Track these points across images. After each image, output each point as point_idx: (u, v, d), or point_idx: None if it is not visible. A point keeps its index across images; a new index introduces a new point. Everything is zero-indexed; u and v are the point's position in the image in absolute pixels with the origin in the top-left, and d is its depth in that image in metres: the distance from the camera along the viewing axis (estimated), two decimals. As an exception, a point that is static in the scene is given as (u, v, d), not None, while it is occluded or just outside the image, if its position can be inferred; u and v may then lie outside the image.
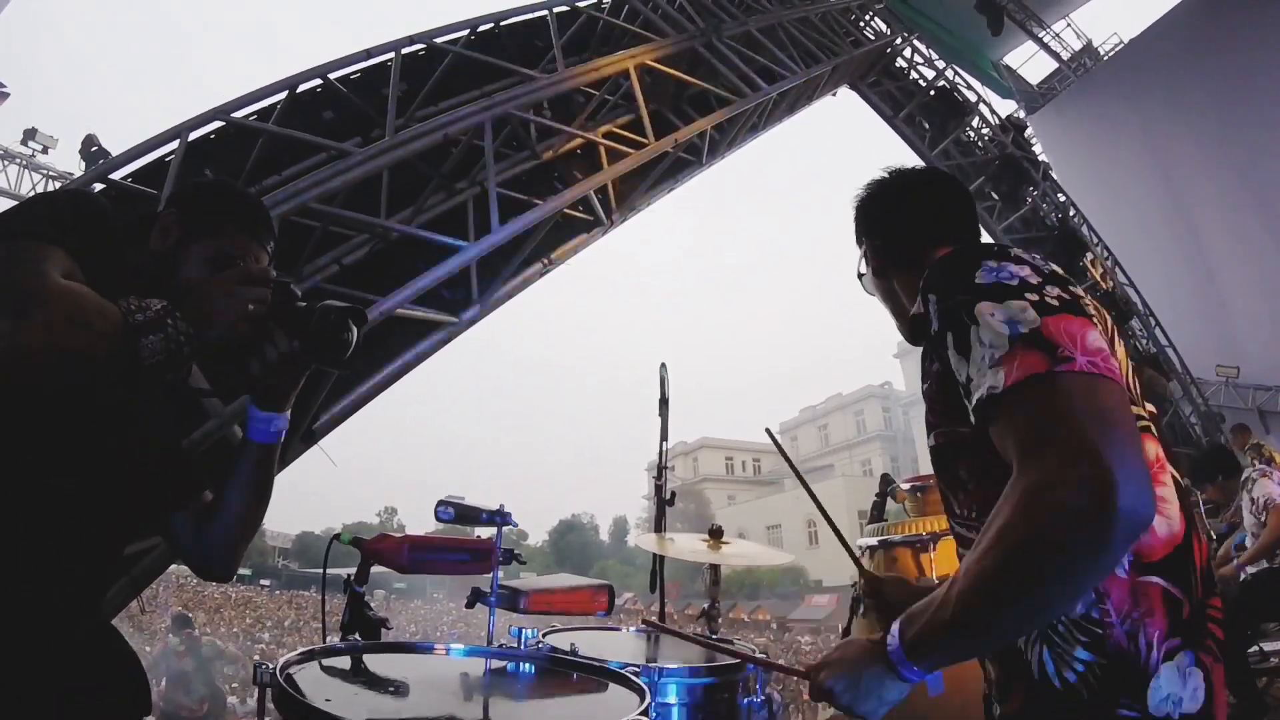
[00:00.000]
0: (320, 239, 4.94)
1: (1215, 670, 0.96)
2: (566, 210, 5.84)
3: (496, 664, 1.58)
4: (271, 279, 1.08)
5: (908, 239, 1.29)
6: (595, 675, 1.48)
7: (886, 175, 1.37)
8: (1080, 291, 1.02)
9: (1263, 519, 3.97)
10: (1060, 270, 1.05)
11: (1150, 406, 1.10)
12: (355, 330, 1.09)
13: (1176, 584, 0.95)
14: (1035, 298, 0.94)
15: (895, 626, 0.96)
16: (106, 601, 4.02)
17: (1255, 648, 4.09)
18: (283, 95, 5.16)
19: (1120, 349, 1.07)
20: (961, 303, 0.97)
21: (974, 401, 0.93)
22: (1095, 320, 0.96)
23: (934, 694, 1.09)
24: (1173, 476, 1.03)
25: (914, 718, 2.65)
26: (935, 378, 1.07)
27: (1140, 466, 0.81)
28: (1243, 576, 4.06)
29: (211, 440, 4.03)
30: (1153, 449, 1.01)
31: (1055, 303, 0.94)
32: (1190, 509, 1.01)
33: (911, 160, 11.89)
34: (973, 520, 1.07)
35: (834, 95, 10.19)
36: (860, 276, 1.42)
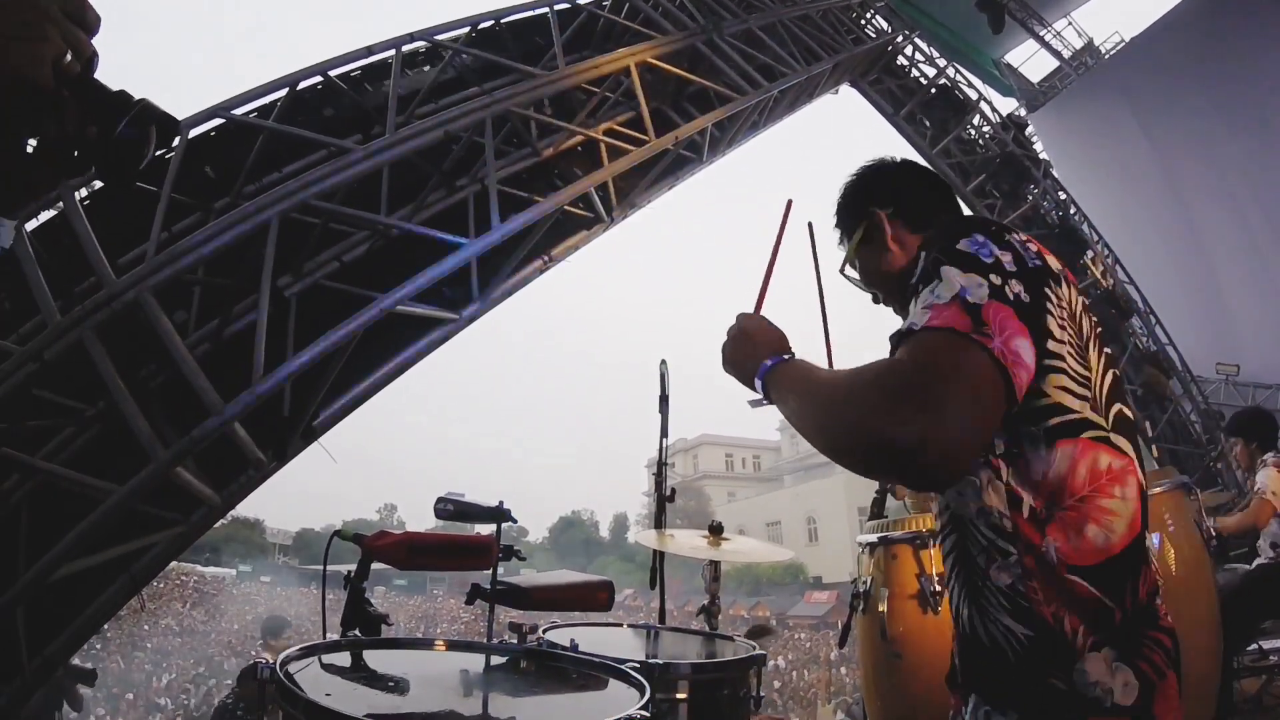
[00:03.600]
0: (320, 236, 4.94)
1: (1159, 677, 0.97)
2: (567, 207, 5.83)
3: (496, 659, 1.59)
4: (98, 33, 0.74)
5: (923, 200, 1.35)
6: (595, 671, 1.48)
7: (871, 162, 1.44)
8: (1057, 296, 1.03)
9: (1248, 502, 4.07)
10: (1055, 268, 1.06)
11: (1125, 410, 1.10)
12: (154, 142, 0.76)
13: (1105, 591, 0.97)
14: (997, 281, 0.97)
15: (779, 357, 1.17)
16: (106, 599, 4.04)
17: (1255, 646, 4.10)
18: (283, 92, 5.15)
19: (1095, 354, 1.07)
20: (937, 260, 1.01)
21: (895, 335, 1.00)
22: (1041, 330, 0.99)
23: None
24: (1138, 488, 1.04)
25: (913, 709, 2.66)
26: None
27: (959, 451, 0.86)
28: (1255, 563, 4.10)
29: (211, 439, 4.03)
30: (1106, 460, 1.01)
31: (1011, 296, 0.97)
32: (1141, 539, 1.02)
33: (913, 158, 11.91)
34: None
35: (835, 93, 10.17)
36: (845, 274, 1.46)
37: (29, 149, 0.74)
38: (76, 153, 0.74)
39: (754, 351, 1.21)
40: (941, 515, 1.13)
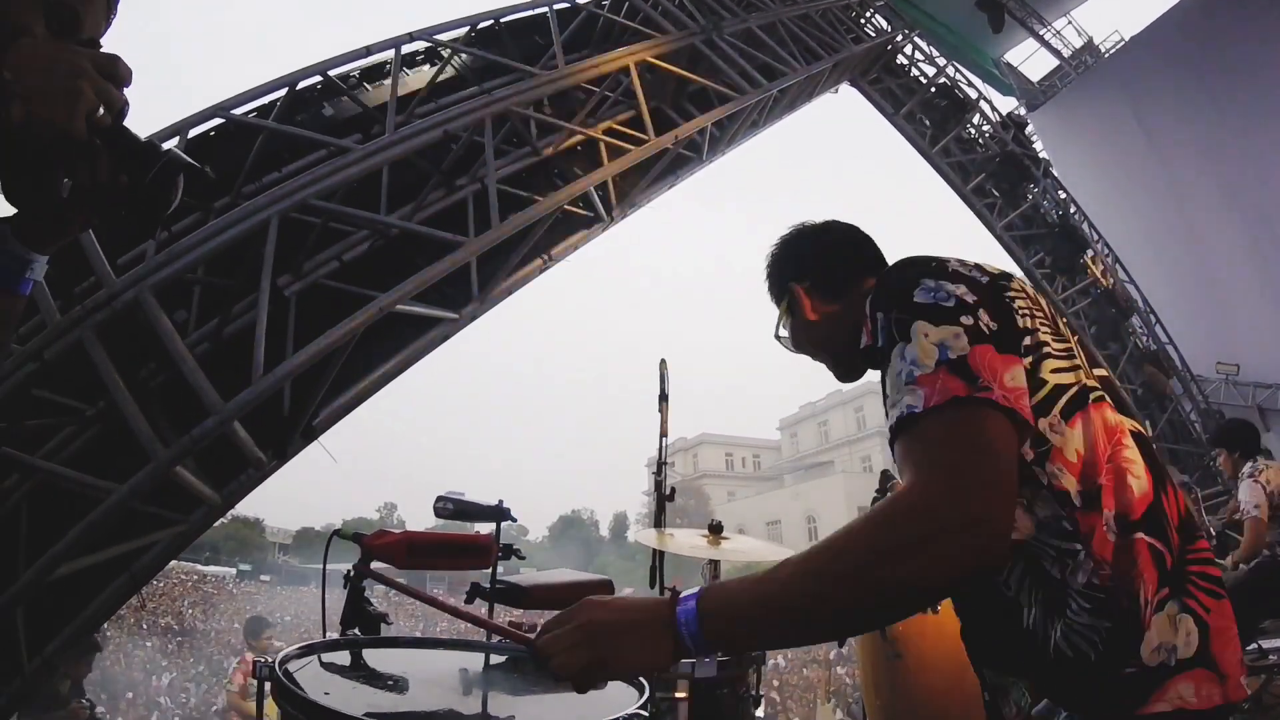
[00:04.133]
0: (320, 235, 4.94)
1: (1213, 608, 1.00)
2: (566, 207, 5.84)
3: (495, 658, 1.59)
4: (130, 86, 0.81)
5: (841, 270, 1.35)
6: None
7: (796, 227, 1.44)
8: (1013, 293, 1.07)
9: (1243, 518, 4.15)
10: (1000, 276, 1.10)
11: (1104, 371, 1.16)
12: (180, 190, 0.84)
13: (1157, 537, 1.00)
14: (970, 322, 0.97)
15: (691, 591, 0.92)
16: (106, 598, 4.04)
17: (1254, 645, 4.10)
18: (283, 92, 5.15)
19: (1063, 324, 1.13)
20: (901, 321, 1.00)
21: (890, 421, 0.97)
22: (1022, 346, 1.01)
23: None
24: (1134, 435, 1.09)
25: (913, 709, 2.66)
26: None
27: (1001, 512, 0.85)
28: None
29: (211, 438, 4.03)
30: (1113, 417, 1.07)
31: (987, 332, 0.97)
32: (1159, 467, 1.07)
33: (913, 157, 11.89)
34: None
35: (835, 92, 10.18)
36: (779, 338, 1.46)
37: (64, 193, 0.83)
38: (107, 199, 0.82)
39: (632, 621, 0.92)
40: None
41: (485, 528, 1.95)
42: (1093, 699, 1.00)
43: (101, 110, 0.76)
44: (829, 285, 1.35)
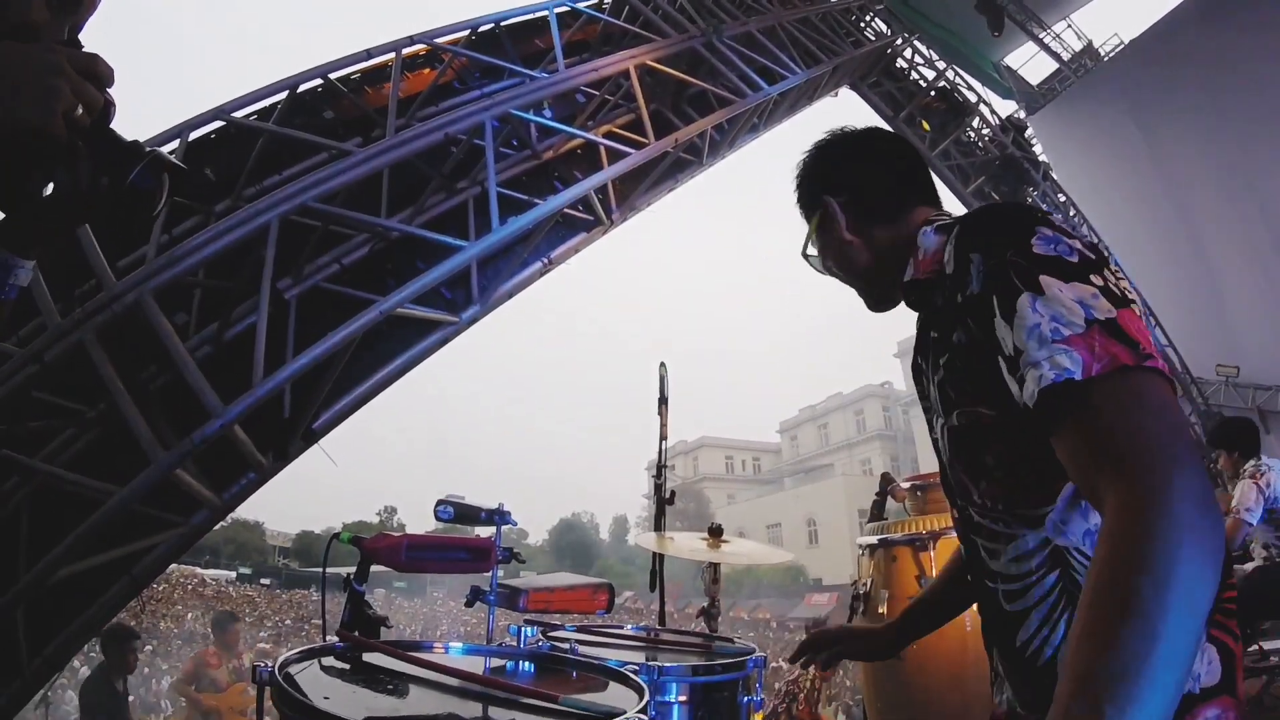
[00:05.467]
0: (320, 238, 4.95)
1: (1233, 645, 0.94)
2: (567, 210, 5.85)
3: (496, 662, 1.59)
4: (111, 85, 0.79)
5: (886, 189, 1.21)
6: (594, 674, 1.48)
7: (836, 132, 1.28)
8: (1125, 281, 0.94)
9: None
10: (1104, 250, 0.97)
11: None
12: (166, 191, 0.82)
13: None
14: (1101, 283, 0.85)
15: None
16: (107, 600, 4.04)
17: (1255, 647, 4.10)
18: (283, 95, 5.16)
19: None
20: (1018, 267, 0.87)
21: (1039, 382, 0.81)
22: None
23: None
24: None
25: (914, 711, 2.66)
26: (960, 350, 0.98)
27: (1217, 508, 0.74)
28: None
29: (211, 441, 4.03)
30: None
31: (1118, 292, 0.85)
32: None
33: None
34: (998, 511, 1.01)
35: (835, 95, 10.19)
36: (806, 256, 1.31)
37: (45, 196, 0.80)
38: (89, 200, 0.79)
39: None
40: (1030, 556, 0.97)
41: (485, 531, 1.95)
42: None
43: (80, 110, 0.74)
44: (870, 204, 1.20)
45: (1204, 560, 0.69)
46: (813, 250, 1.29)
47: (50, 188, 0.80)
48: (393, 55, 5.54)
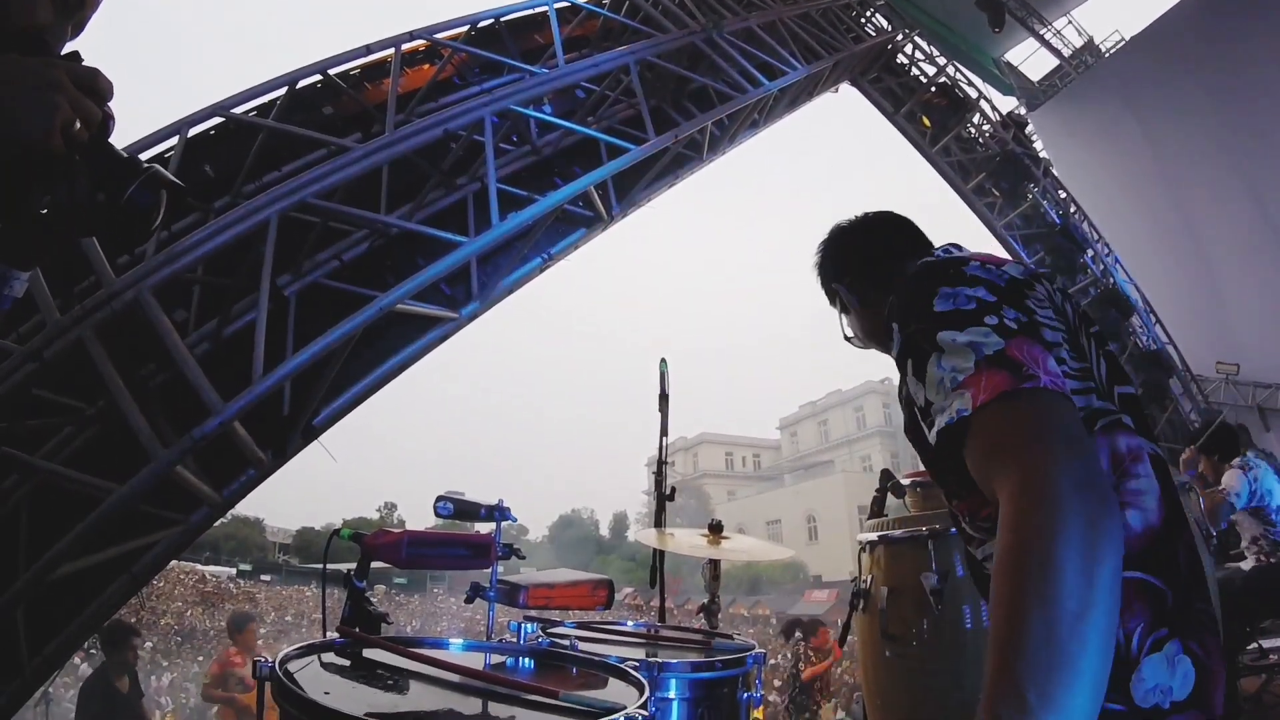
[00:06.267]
0: (320, 235, 4.94)
1: (1211, 654, 0.95)
2: (567, 206, 5.83)
3: (496, 659, 1.59)
4: (111, 99, 0.79)
5: (878, 260, 1.37)
6: (594, 670, 1.48)
7: (828, 234, 1.49)
8: (1036, 300, 1.04)
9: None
10: (1018, 276, 1.06)
11: (1128, 388, 1.11)
12: (163, 207, 0.82)
13: (1157, 575, 0.95)
14: (995, 321, 0.96)
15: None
16: (107, 598, 4.04)
17: (1255, 645, 4.11)
18: (282, 91, 5.15)
19: (1085, 339, 1.09)
20: (922, 331, 0.99)
21: (938, 426, 0.93)
22: (1050, 342, 0.99)
23: None
24: (1153, 462, 1.02)
25: (914, 708, 2.66)
26: (904, 403, 1.11)
27: (1102, 489, 0.79)
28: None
29: (211, 438, 4.03)
30: (1124, 442, 1.01)
31: (1014, 325, 0.96)
32: (1174, 497, 1.01)
33: (913, 156, 11.88)
34: (968, 521, 1.12)
35: (835, 91, 10.17)
36: (848, 339, 1.50)
37: (42, 211, 0.80)
38: (86, 216, 0.79)
39: None
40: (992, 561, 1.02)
41: (485, 527, 1.95)
42: None
43: (79, 125, 0.74)
44: (869, 279, 1.39)
45: (1090, 534, 0.74)
46: (849, 332, 1.50)
47: (47, 202, 0.80)
48: (392, 51, 5.53)
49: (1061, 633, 0.70)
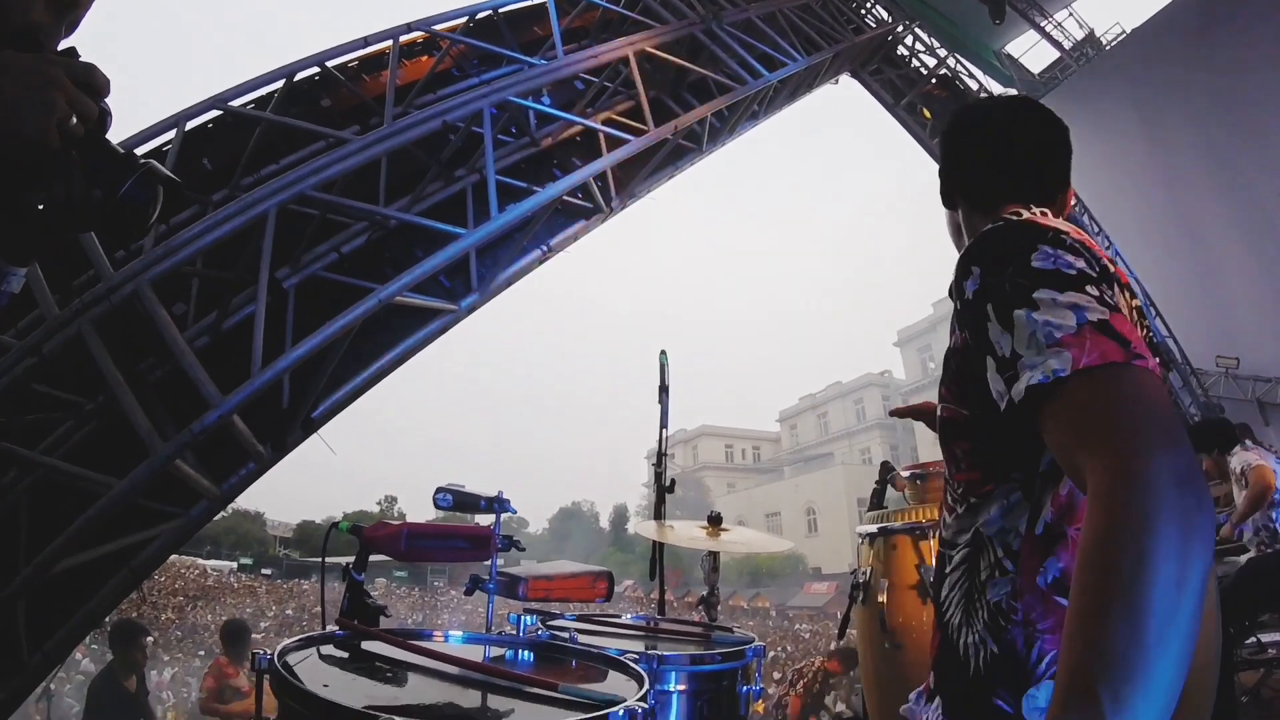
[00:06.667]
0: (319, 227, 4.93)
1: None
2: (566, 197, 5.83)
3: (496, 651, 1.59)
4: (107, 95, 0.80)
5: (980, 176, 1.24)
6: (594, 662, 1.48)
7: (976, 103, 1.31)
8: (1125, 297, 0.97)
9: (1244, 483, 4.07)
10: (1106, 260, 0.99)
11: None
12: (159, 203, 0.82)
13: None
14: (1096, 293, 0.88)
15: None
16: (107, 592, 4.04)
17: (1254, 639, 4.12)
18: (280, 83, 5.13)
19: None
20: (1015, 281, 0.91)
21: (1028, 381, 0.84)
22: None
23: None
24: None
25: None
26: (954, 353, 1.03)
27: (1199, 487, 0.72)
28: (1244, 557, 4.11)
29: (210, 432, 4.03)
30: None
31: (1114, 304, 0.88)
32: None
33: (912, 148, 11.83)
34: (959, 493, 1.08)
35: (835, 83, 10.14)
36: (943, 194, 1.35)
37: (38, 207, 0.79)
38: (81, 213, 0.79)
39: None
40: (963, 533, 1.06)
41: (485, 519, 1.95)
42: (962, 708, 1.00)
43: (75, 121, 0.74)
44: (967, 188, 1.25)
45: (1186, 535, 0.69)
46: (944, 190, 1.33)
47: (44, 198, 0.80)
48: (390, 43, 5.51)
49: (1147, 637, 0.66)
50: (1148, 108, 14.48)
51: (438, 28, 5.87)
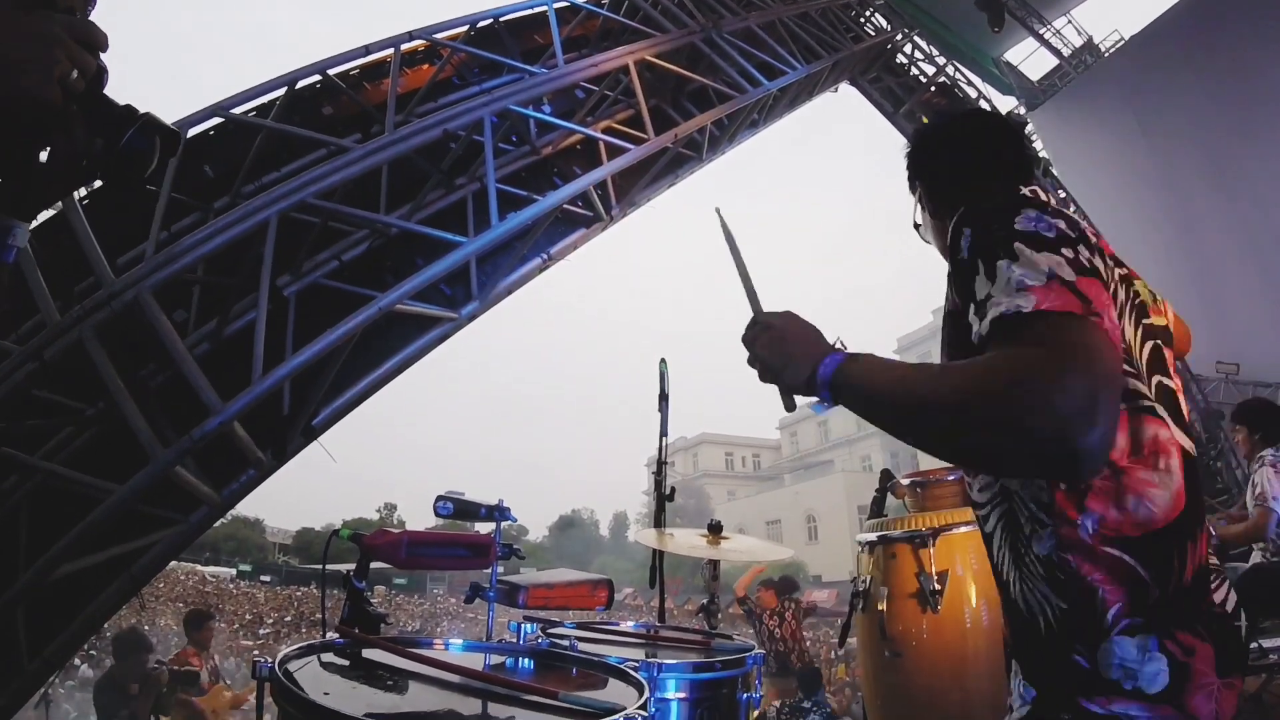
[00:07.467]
0: (319, 235, 4.94)
1: (1197, 659, 0.95)
2: (566, 206, 5.84)
3: (496, 659, 1.59)
4: (106, 51, 0.82)
5: (953, 178, 1.32)
6: (594, 670, 1.48)
7: (933, 120, 1.47)
8: (1102, 262, 1.02)
9: (1250, 505, 4.02)
10: (1091, 234, 1.05)
11: (1166, 381, 1.09)
12: (158, 152, 0.85)
13: (1146, 567, 0.96)
14: (1071, 254, 0.95)
15: (839, 355, 1.04)
16: (106, 598, 4.03)
17: (1255, 644, 4.10)
18: (282, 91, 5.14)
19: (1131, 324, 1.09)
20: (999, 238, 0.98)
21: (991, 315, 0.91)
22: (1110, 295, 0.99)
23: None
24: (1185, 463, 1.01)
25: (913, 708, 2.66)
26: (949, 317, 1.12)
27: (1109, 440, 0.81)
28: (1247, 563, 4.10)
29: (211, 439, 4.02)
30: (1152, 431, 1.00)
31: (1088, 265, 0.95)
32: (1195, 507, 1.00)
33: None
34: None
35: (834, 91, 10.17)
36: (916, 226, 1.45)
37: (42, 160, 0.82)
38: (85, 163, 0.82)
39: (802, 351, 1.08)
40: (988, 489, 1.13)
41: (485, 527, 1.95)
42: (1040, 667, 1.03)
43: (75, 75, 0.76)
44: (942, 193, 1.35)
45: (997, 429, 0.82)
46: (918, 220, 1.45)
47: (47, 152, 0.82)
48: (391, 51, 5.52)
49: (903, 397, 0.93)
50: (1146, 114, 14.51)
51: (439, 36, 5.89)
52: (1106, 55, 15.80)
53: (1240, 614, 1.02)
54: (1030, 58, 16.47)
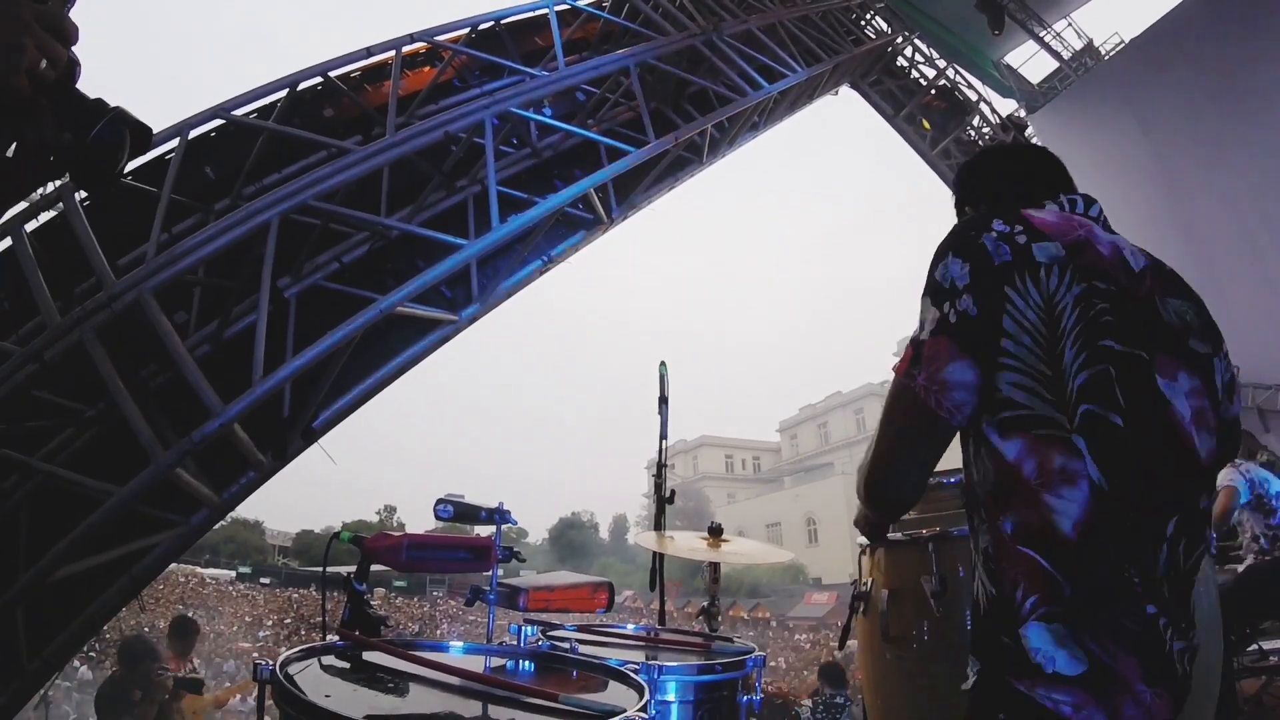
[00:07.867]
0: (320, 237, 4.94)
1: (1120, 664, 0.99)
2: (566, 208, 5.84)
3: (496, 661, 1.59)
4: (76, 43, 0.80)
5: (996, 202, 1.41)
6: (594, 673, 1.48)
7: (981, 150, 1.66)
8: (1024, 293, 1.08)
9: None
10: (1035, 257, 1.10)
11: (1102, 412, 1.05)
12: (128, 147, 0.82)
13: (1057, 569, 1.02)
14: (945, 310, 1.11)
15: None
16: (106, 600, 4.03)
17: (1255, 646, 4.10)
18: (283, 93, 5.15)
19: (1075, 350, 1.06)
20: (925, 288, 1.16)
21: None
22: (982, 342, 1.09)
23: None
24: (1094, 495, 1.02)
25: (914, 711, 2.66)
26: None
27: (908, 479, 1.22)
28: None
29: (211, 440, 4.03)
30: (1059, 460, 1.04)
31: (953, 320, 1.09)
32: (1102, 537, 1.03)
33: (913, 158, 11.87)
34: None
35: (835, 94, 10.18)
36: None
37: (9, 154, 0.79)
38: (53, 157, 0.79)
39: None
40: (965, 490, 1.26)
41: (485, 530, 1.95)
42: (981, 645, 1.13)
43: (45, 65, 0.74)
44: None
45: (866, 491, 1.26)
46: None
47: (14, 144, 0.80)
48: (393, 53, 5.53)
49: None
50: (1147, 116, 14.52)
51: (440, 38, 5.90)
52: (1107, 58, 15.82)
53: (1168, 634, 1.03)
54: (1030, 60, 16.46)
